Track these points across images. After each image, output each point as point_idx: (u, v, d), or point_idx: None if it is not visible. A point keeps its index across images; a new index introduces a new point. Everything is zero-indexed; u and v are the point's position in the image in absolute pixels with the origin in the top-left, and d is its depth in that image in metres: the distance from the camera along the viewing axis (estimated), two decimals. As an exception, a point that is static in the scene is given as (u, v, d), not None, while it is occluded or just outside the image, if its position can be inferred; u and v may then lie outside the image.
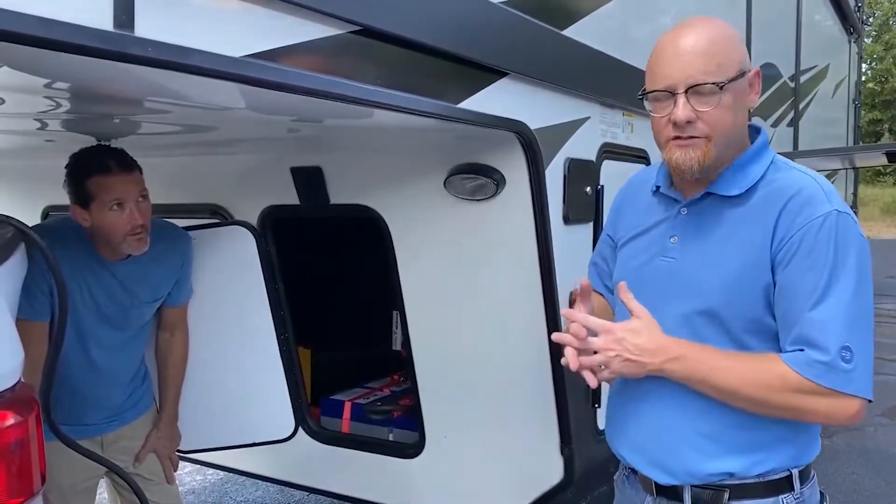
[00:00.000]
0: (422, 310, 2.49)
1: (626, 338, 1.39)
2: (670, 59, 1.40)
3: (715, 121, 1.38)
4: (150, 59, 1.06)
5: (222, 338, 2.63)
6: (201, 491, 4.24)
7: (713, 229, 1.45)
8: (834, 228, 1.33)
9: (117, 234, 2.04)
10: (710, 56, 1.37)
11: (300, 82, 1.34)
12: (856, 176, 9.88)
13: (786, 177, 1.43)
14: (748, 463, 1.43)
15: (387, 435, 2.97)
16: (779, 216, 1.37)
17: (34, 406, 1.01)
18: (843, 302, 1.31)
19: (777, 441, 1.44)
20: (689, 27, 1.41)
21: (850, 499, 4.07)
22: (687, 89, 1.37)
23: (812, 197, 1.36)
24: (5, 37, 0.90)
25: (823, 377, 1.30)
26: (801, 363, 1.32)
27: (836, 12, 7.88)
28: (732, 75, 1.37)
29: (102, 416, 2.26)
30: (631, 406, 1.53)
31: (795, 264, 1.34)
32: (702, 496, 1.46)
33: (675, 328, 1.43)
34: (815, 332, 1.31)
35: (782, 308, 1.36)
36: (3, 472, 0.94)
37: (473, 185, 2.20)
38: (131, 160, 2.06)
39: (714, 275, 1.41)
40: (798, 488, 1.47)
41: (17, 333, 1.06)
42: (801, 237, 1.33)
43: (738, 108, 1.41)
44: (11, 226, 1.32)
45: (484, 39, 1.90)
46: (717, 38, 1.39)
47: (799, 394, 1.32)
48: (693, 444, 1.44)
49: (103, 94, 1.52)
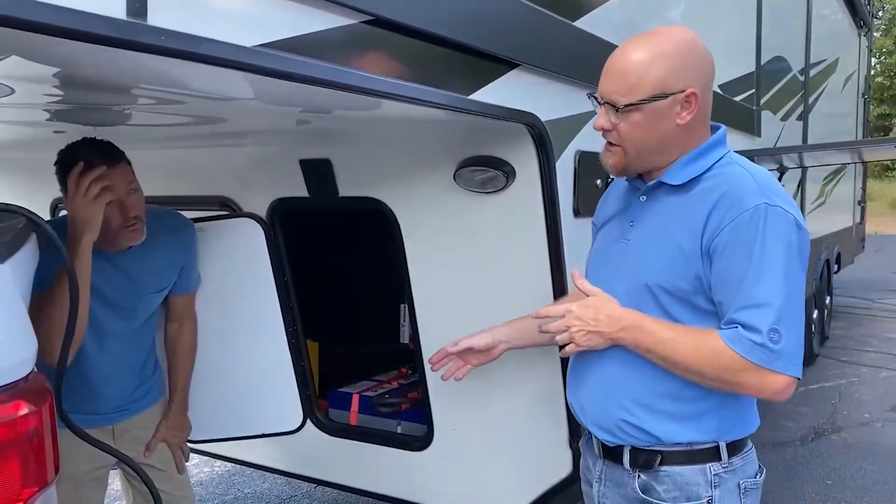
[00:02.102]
0: (430, 303, 2.49)
1: (583, 313, 1.57)
2: (604, 71, 1.55)
3: (624, 134, 1.53)
4: (163, 48, 1.06)
5: (231, 330, 2.63)
6: (209, 482, 4.26)
7: (659, 214, 1.58)
8: (762, 219, 1.42)
9: (111, 227, 2.02)
10: (624, 77, 1.50)
11: (312, 72, 1.34)
12: (864, 170, 9.83)
13: (727, 172, 1.53)
14: (672, 431, 1.56)
15: (395, 427, 2.97)
16: (712, 209, 1.47)
17: (47, 396, 1.01)
18: (773, 286, 1.41)
19: (702, 414, 1.56)
20: (627, 43, 1.54)
21: (858, 494, 4.06)
22: (604, 102, 1.53)
23: (744, 191, 1.46)
24: (17, 24, 0.89)
25: (751, 353, 1.41)
26: (734, 339, 1.43)
27: (845, 6, 7.83)
28: (641, 97, 1.48)
29: (113, 406, 2.26)
30: (581, 371, 1.70)
31: (726, 255, 1.44)
32: (637, 458, 1.61)
33: (621, 301, 1.58)
34: (747, 316, 1.42)
35: (718, 297, 1.48)
36: (17, 462, 0.94)
37: (483, 177, 2.19)
38: (118, 152, 2.03)
39: (652, 256, 1.55)
40: (726, 458, 1.58)
41: (30, 324, 1.06)
42: (732, 229, 1.44)
43: (654, 125, 1.51)
44: (23, 216, 1.32)
45: (495, 30, 1.89)
46: (640, 60, 1.49)
47: (731, 367, 1.44)
48: (623, 406, 1.59)
49: (115, 84, 1.51)
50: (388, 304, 3.33)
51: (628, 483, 1.63)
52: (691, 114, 1.50)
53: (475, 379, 2.47)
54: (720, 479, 1.57)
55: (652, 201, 1.61)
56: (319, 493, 4.06)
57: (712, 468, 1.56)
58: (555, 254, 2.21)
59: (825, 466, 4.44)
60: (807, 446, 4.75)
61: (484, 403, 2.49)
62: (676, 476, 1.57)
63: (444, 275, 2.44)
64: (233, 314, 2.64)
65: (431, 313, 2.50)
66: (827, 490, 4.11)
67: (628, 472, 1.63)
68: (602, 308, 1.56)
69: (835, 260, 7.85)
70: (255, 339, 2.67)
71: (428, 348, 2.53)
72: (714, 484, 1.56)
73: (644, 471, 1.60)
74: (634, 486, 1.62)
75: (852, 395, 5.85)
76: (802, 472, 4.34)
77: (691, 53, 1.51)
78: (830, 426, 5.14)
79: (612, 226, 1.73)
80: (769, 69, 4.90)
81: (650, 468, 1.59)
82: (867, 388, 6.04)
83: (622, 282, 1.60)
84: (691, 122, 1.52)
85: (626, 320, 1.54)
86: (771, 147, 5.04)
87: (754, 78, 4.53)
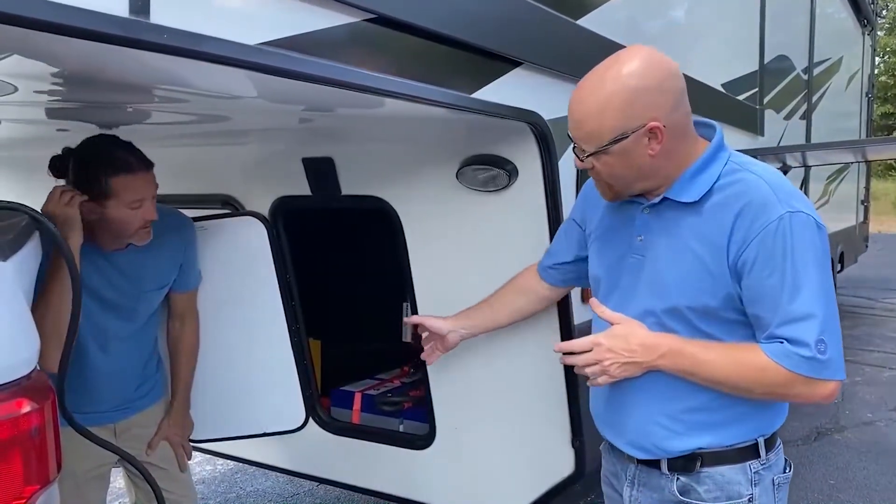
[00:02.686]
0: (432, 301, 2.49)
1: (615, 345, 1.52)
2: (568, 113, 1.52)
3: (602, 172, 1.52)
4: (166, 45, 1.06)
5: (234, 328, 2.63)
6: (211, 481, 4.26)
7: (672, 232, 1.53)
8: (789, 229, 1.40)
9: (129, 229, 2.04)
10: (582, 126, 1.48)
11: (314, 71, 1.34)
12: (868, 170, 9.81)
13: (739, 180, 1.48)
14: (713, 439, 1.54)
15: (397, 426, 2.97)
16: (734, 223, 1.44)
17: (50, 393, 1.01)
18: (812, 297, 1.40)
19: (739, 418, 1.54)
20: (581, 85, 1.49)
21: (862, 493, 4.05)
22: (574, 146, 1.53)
23: (765, 202, 1.43)
24: (20, 22, 0.89)
25: (802, 367, 1.40)
26: (780, 354, 1.42)
27: (849, 5, 7.81)
28: (603, 143, 1.45)
29: (115, 404, 2.26)
30: (607, 389, 1.64)
31: (757, 270, 1.42)
32: (676, 463, 1.58)
33: (645, 321, 1.55)
34: (792, 331, 1.41)
35: (753, 312, 1.46)
36: (20, 460, 0.94)
37: (486, 176, 2.19)
38: (147, 157, 2.05)
39: (677, 276, 1.50)
40: (764, 455, 1.57)
41: (33, 322, 1.06)
42: (759, 244, 1.41)
43: (626, 162, 1.47)
44: (26, 214, 1.32)
45: (498, 29, 1.88)
46: (592, 108, 1.45)
47: (781, 382, 1.43)
48: (660, 423, 1.56)
49: (118, 82, 1.51)
50: (390, 303, 3.33)
51: (665, 486, 1.60)
52: (660, 143, 1.44)
53: (477, 378, 2.47)
54: (759, 476, 1.55)
55: (658, 215, 1.56)
56: (322, 491, 4.06)
57: (752, 466, 1.55)
58: (557, 252, 2.20)
59: (828, 466, 4.43)
60: (810, 446, 4.75)
61: (486, 402, 2.49)
62: (717, 476, 1.55)
63: (446, 273, 2.44)
64: (235, 313, 2.63)
65: (433, 311, 2.49)
66: (830, 490, 4.10)
67: (666, 475, 1.59)
68: (632, 338, 1.52)
69: (838, 259, 7.84)
70: (257, 337, 2.67)
71: (430, 347, 2.53)
72: (754, 482, 1.55)
73: (683, 473, 1.57)
74: (672, 489, 1.59)
75: (855, 395, 5.84)
76: (805, 471, 4.34)
77: (642, 86, 1.42)
78: (833, 426, 5.13)
79: (613, 238, 1.68)
80: (772, 68, 4.88)
81: (690, 471, 1.56)
82: (870, 388, 6.03)
83: (645, 300, 1.55)
84: (664, 150, 1.46)
85: (662, 346, 1.50)
86: (774, 146, 5.03)
87: (757, 77, 4.52)
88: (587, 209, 1.80)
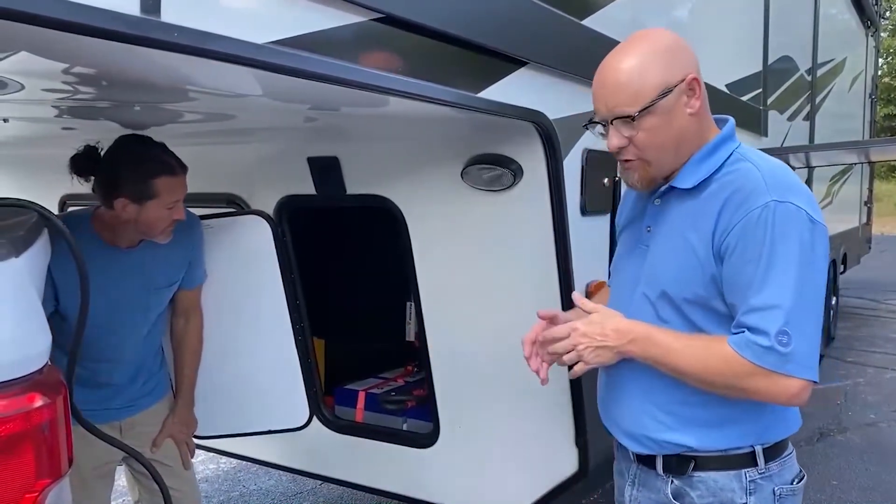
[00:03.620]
0: (437, 301, 2.50)
1: (589, 330, 1.51)
2: (597, 93, 1.51)
3: (643, 144, 1.48)
4: (176, 44, 1.07)
5: (238, 326, 2.64)
6: (214, 479, 4.27)
7: (673, 219, 1.55)
8: (771, 218, 1.38)
9: (158, 228, 2.09)
10: (624, 88, 1.46)
11: (322, 69, 1.35)
12: (871, 171, 9.81)
13: (736, 170, 1.49)
14: (704, 438, 1.52)
15: (400, 425, 2.98)
16: (721, 210, 1.44)
17: (62, 388, 1.02)
18: (784, 289, 1.37)
19: (732, 420, 1.51)
20: (610, 57, 1.51)
21: (864, 494, 4.05)
22: (612, 120, 1.48)
23: (753, 190, 1.42)
24: (32, 20, 0.90)
25: (760, 358, 1.37)
26: (741, 344, 1.40)
27: (853, 6, 7.81)
28: (651, 99, 1.45)
29: (121, 402, 2.28)
30: (609, 384, 1.66)
31: (735, 257, 1.41)
32: (670, 463, 1.57)
33: (641, 308, 1.55)
34: (754, 319, 1.38)
35: (729, 299, 1.45)
36: (32, 454, 0.95)
37: (491, 175, 2.20)
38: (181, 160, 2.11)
39: (669, 262, 1.52)
40: (763, 464, 1.53)
41: (45, 317, 1.07)
42: (740, 230, 1.40)
43: (667, 124, 1.48)
44: (35, 212, 1.33)
45: (503, 28, 1.89)
46: (631, 68, 1.46)
47: (740, 374, 1.40)
48: (654, 416, 1.56)
49: (126, 81, 1.52)
50: (394, 302, 3.34)
51: (661, 488, 1.59)
52: (699, 99, 1.49)
53: (481, 376, 2.48)
54: (756, 485, 1.52)
55: (665, 205, 1.57)
56: (325, 489, 4.07)
57: (748, 474, 1.52)
58: (562, 252, 2.21)
59: (830, 467, 4.43)
60: (812, 447, 4.75)
61: (490, 401, 2.49)
62: (710, 482, 1.53)
63: (450, 273, 2.45)
64: (240, 311, 2.64)
65: (438, 311, 2.51)
66: (832, 490, 4.10)
67: (661, 476, 1.59)
68: (607, 322, 1.51)
69: (841, 260, 7.84)
70: (261, 335, 2.68)
71: (434, 346, 2.54)
72: (749, 491, 1.51)
73: (677, 476, 1.56)
74: (667, 491, 1.58)
75: (858, 396, 5.84)
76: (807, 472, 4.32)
77: (674, 44, 1.50)
78: (836, 427, 5.13)
79: (630, 230, 1.70)
80: (776, 69, 4.89)
81: (683, 473, 1.55)
82: (873, 389, 6.03)
83: (644, 288, 1.56)
84: (701, 108, 1.50)
85: (633, 332, 1.49)
86: (777, 147, 5.03)
87: (761, 77, 4.53)
88: (622, 211, 1.81)
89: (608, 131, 1.50)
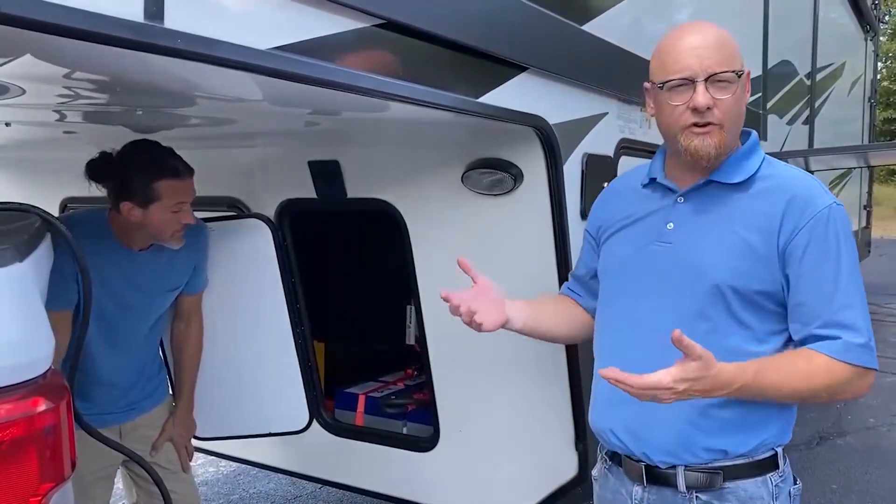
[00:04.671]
0: (437, 304, 2.48)
1: (687, 388, 1.36)
2: (686, 52, 1.48)
3: (728, 108, 1.48)
4: (180, 50, 1.07)
5: (239, 330, 2.64)
6: (214, 482, 4.27)
7: (716, 213, 1.53)
8: (837, 220, 1.45)
9: (166, 232, 2.10)
10: (724, 49, 1.48)
11: (324, 75, 1.35)
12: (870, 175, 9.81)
13: (783, 173, 1.54)
14: (739, 439, 1.50)
15: (401, 428, 2.98)
16: (785, 210, 1.45)
17: (65, 392, 1.02)
18: (856, 285, 1.45)
19: (766, 418, 1.51)
20: (696, 26, 1.52)
21: (864, 498, 4.05)
22: (707, 78, 1.46)
23: (813, 192, 1.48)
24: (35, 26, 0.91)
25: (863, 358, 1.43)
26: (839, 350, 1.42)
27: (852, 10, 7.82)
28: (740, 68, 1.49)
29: (121, 406, 2.28)
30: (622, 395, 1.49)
31: (809, 256, 1.43)
32: (697, 479, 1.51)
33: (679, 308, 1.50)
34: (847, 316, 1.43)
35: (799, 298, 1.45)
36: (35, 458, 0.95)
37: (491, 179, 2.20)
38: (188, 164, 2.12)
39: (717, 254, 1.48)
40: (782, 466, 1.55)
41: (48, 321, 1.08)
42: (811, 230, 1.43)
43: (742, 100, 1.52)
44: (37, 215, 1.34)
45: (504, 34, 1.90)
46: (724, 36, 1.50)
47: (844, 379, 1.43)
48: (691, 420, 1.50)
49: (129, 86, 1.53)
50: (394, 306, 3.34)
51: None
52: (748, 93, 1.54)
53: (481, 380, 2.48)
54: (778, 489, 1.52)
55: (697, 202, 1.55)
56: (325, 493, 4.07)
57: (772, 479, 1.52)
58: (562, 256, 2.22)
59: (830, 471, 4.43)
60: (812, 450, 4.75)
61: (490, 405, 2.49)
62: (740, 491, 1.50)
63: (450, 277, 2.44)
64: (240, 314, 2.65)
65: (438, 315, 2.50)
66: (832, 494, 4.10)
67: (683, 494, 1.52)
68: (706, 381, 1.36)
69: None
70: (261, 338, 2.68)
71: (434, 349, 2.55)
72: (775, 495, 1.52)
73: (704, 491, 1.51)
74: None
75: (857, 400, 5.84)
76: (807, 476, 4.34)
77: None
78: (836, 430, 5.13)
79: (633, 232, 1.64)
80: (775, 73, 4.89)
81: (713, 487, 1.50)
82: (873, 393, 5.99)
83: (682, 286, 1.50)
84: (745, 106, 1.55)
85: (737, 381, 1.39)
86: (777, 151, 5.04)
87: (760, 81, 4.54)
88: (603, 215, 1.76)
89: (697, 90, 1.45)
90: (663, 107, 1.52)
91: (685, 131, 1.49)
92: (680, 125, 1.50)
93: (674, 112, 1.50)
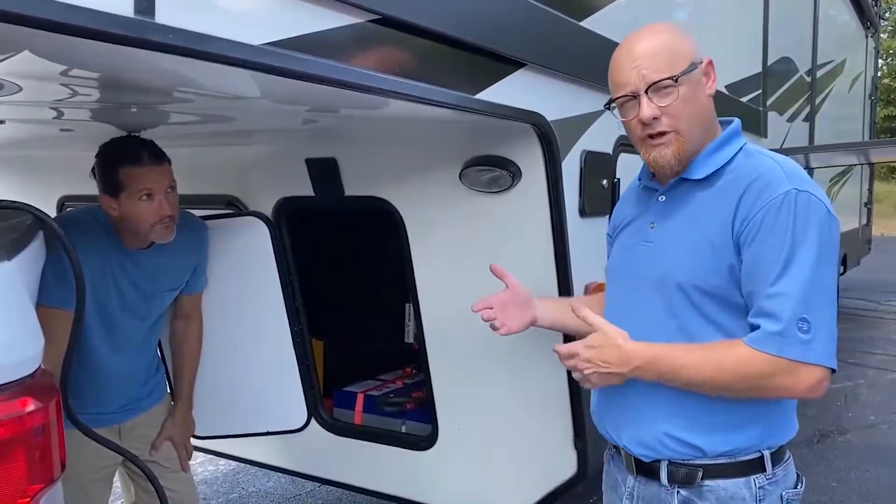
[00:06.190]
0: (435, 302, 2.49)
1: (592, 356, 1.51)
2: (624, 67, 1.51)
3: (678, 112, 1.48)
4: (171, 46, 1.06)
5: (237, 328, 2.64)
6: (213, 481, 4.26)
7: (683, 211, 1.54)
8: (793, 206, 1.38)
9: (145, 224, 2.06)
10: (659, 54, 1.48)
11: (319, 71, 1.34)
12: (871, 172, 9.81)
13: (751, 162, 1.50)
14: (717, 439, 1.49)
15: (399, 427, 2.97)
16: (740, 198, 1.43)
17: (54, 393, 1.01)
18: (802, 276, 1.36)
19: (746, 422, 1.49)
20: (635, 36, 1.54)
21: (864, 496, 4.04)
22: (647, 89, 1.47)
23: (772, 178, 1.43)
24: (26, 22, 0.89)
25: (782, 349, 1.35)
26: (758, 339, 1.38)
27: (853, 7, 7.81)
28: (684, 68, 1.47)
29: (120, 405, 2.28)
30: (612, 389, 1.60)
31: (757, 243, 1.40)
32: (677, 473, 1.53)
33: (650, 304, 1.53)
34: (772, 304, 1.37)
35: (748, 288, 1.43)
36: (24, 459, 0.94)
37: (489, 177, 2.19)
38: (161, 152, 2.08)
39: (681, 253, 1.50)
40: (770, 469, 1.52)
41: (37, 321, 1.06)
42: (762, 216, 1.39)
43: (696, 97, 1.50)
44: (30, 214, 1.32)
45: (502, 30, 1.88)
46: (662, 39, 1.51)
47: (763, 373, 1.38)
48: (665, 419, 1.52)
49: (122, 82, 1.51)
50: (393, 304, 3.33)
51: (666, 500, 1.55)
52: (714, 81, 1.53)
53: (480, 378, 2.47)
54: (764, 491, 1.50)
55: (672, 200, 1.56)
56: (324, 491, 4.06)
57: (757, 480, 1.50)
58: (560, 253, 2.20)
59: (830, 469, 4.42)
60: (812, 448, 4.74)
61: (489, 403, 2.48)
62: (720, 490, 1.50)
63: (449, 274, 2.44)
64: (238, 312, 2.64)
65: (436, 313, 2.50)
66: (832, 492, 4.09)
67: (666, 488, 1.55)
68: (608, 349, 1.49)
69: (841, 262, 7.84)
70: (260, 337, 2.67)
71: (432, 348, 2.54)
72: (759, 497, 1.49)
73: (684, 487, 1.52)
74: (673, 503, 1.54)
75: (858, 398, 5.83)
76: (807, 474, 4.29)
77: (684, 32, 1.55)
78: (836, 428, 5.12)
79: (628, 232, 1.68)
80: (776, 70, 4.88)
81: (692, 484, 1.51)
82: (873, 391, 6.02)
83: (655, 284, 1.53)
84: (711, 100, 1.54)
85: (637, 357, 1.47)
86: (777, 148, 5.03)
87: (761, 79, 4.52)
88: (616, 215, 1.80)
89: (641, 103, 1.48)
90: (622, 122, 1.57)
91: (643, 144, 1.54)
92: (637, 138, 1.54)
93: (629, 126, 1.54)
